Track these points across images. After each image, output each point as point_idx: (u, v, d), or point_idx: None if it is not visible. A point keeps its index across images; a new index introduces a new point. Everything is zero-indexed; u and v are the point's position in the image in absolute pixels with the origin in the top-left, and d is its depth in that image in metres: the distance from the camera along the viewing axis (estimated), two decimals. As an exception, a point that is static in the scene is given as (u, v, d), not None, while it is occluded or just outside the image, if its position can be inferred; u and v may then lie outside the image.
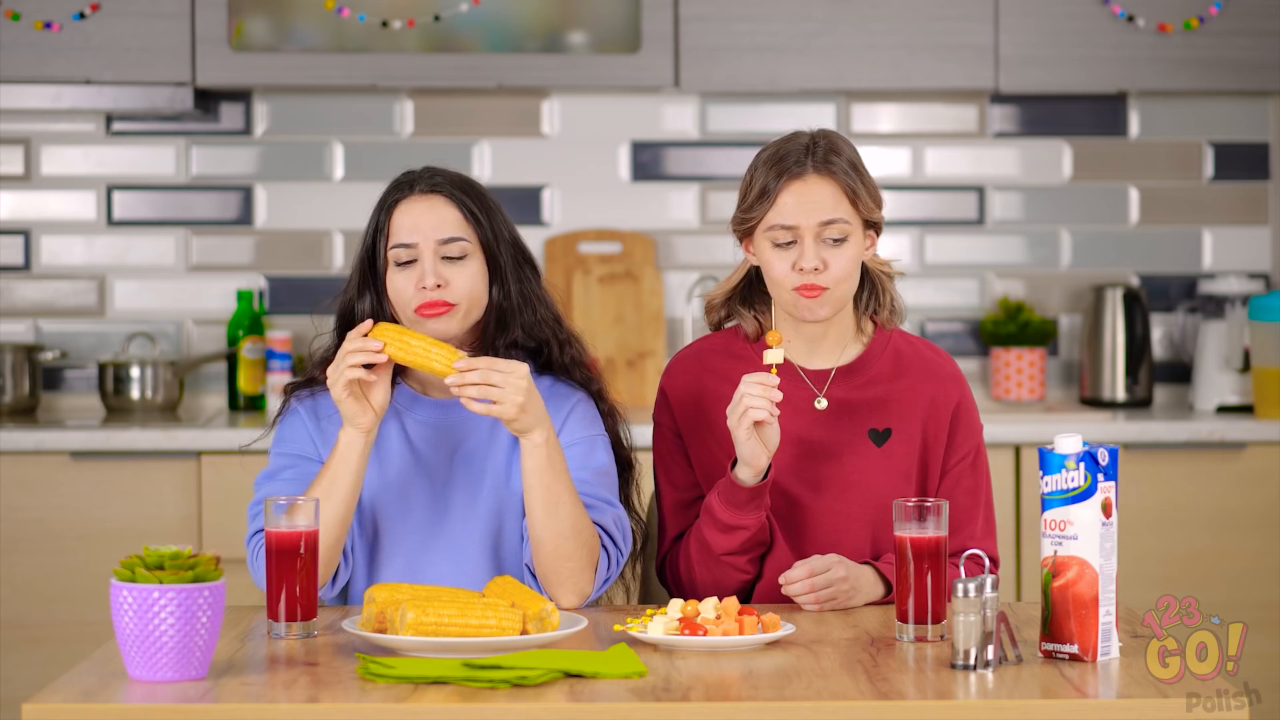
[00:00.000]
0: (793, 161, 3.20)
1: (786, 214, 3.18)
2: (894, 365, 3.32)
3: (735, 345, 3.35)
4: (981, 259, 5.45)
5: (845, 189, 3.19)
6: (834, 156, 3.21)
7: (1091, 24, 5.10)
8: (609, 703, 2.56)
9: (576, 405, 3.31)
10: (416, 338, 3.08)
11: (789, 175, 3.19)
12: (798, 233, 3.18)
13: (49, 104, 5.09)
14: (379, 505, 3.25)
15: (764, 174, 3.21)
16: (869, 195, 3.22)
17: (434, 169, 3.29)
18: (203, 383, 5.39)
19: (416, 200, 3.23)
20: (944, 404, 3.30)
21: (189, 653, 2.65)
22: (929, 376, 3.32)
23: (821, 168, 3.19)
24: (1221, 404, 5.24)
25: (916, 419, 3.29)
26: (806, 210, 3.18)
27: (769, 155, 3.23)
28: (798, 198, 3.18)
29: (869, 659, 2.80)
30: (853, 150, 3.25)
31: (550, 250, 5.36)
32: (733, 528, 3.19)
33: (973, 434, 3.33)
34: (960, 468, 3.30)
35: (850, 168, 3.21)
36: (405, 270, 3.21)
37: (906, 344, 3.35)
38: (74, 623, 4.81)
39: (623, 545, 3.22)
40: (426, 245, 3.21)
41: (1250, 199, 5.46)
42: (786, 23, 5.09)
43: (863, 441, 3.27)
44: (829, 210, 3.18)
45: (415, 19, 5.05)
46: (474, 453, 3.27)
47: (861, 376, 3.30)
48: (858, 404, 3.29)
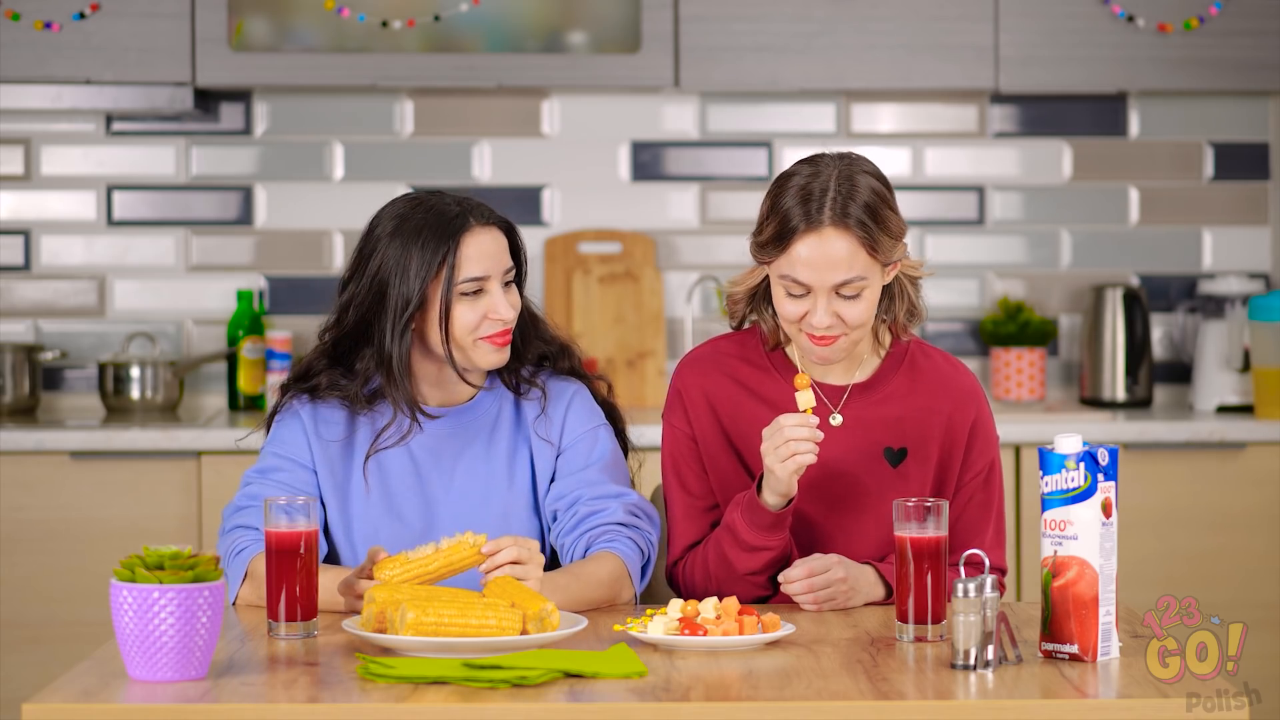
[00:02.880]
0: (812, 210, 3.08)
1: (800, 270, 3.09)
2: (910, 381, 3.26)
3: (750, 350, 3.29)
4: (981, 259, 5.45)
5: (863, 242, 3.08)
6: (852, 205, 3.08)
7: (1091, 24, 5.10)
8: (609, 703, 2.56)
9: (575, 397, 3.32)
10: (431, 555, 2.99)
11: (805, 226, 3.08)
12: (810, 289, 3.10)
13: (49, 104, 5.09)
14: (383, 520, 3.25)
15: (781, 215, 3.10)
16: (889, 236, 3.12)
17: (460, 196, 3.27)
18: (203, 383, 5.39)
19: (480, 233, 3.21)
20: (961, 423, 3.25)
21: (189, 653, 2.65)
22: (946, 394, 3.26)
23: (839, 220, 3.07)
24: (1221, 404, 5.24)
25: (933, 439, 3.24)
26: (820, 271, 3.08)
27: (790, 193, 3.12)
28: (812, 252, 3.08)
29: (869, 659, 2.80)
30: (875, 186, 3.12)
31: (550, 250, 5.36)
32: (758, 549, 3.16)
33: (988, 450, 3.28)
34: (974, 483, 3.26)
35: (869, 214, 3.09)
36: (473, 300, 3.20)
37: (924, 357, 3.29)
38: (74, 623, 4.81)
39: (649, 528, 3.25)
40: (496, 276, 3.21)
41: (1250, 199, 5.46)
42: (786, 23, 5.09)
43: (877, 461, 3.23)
44: (843, 270, 3.08)
45: (415, 19, 5.05)
46: (476, 460, 3.28)
47: (877, 393, 3.25)
48: (873, 422, 3.24)
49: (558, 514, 3.27)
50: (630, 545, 3.21)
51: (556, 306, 5.33)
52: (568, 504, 3.26)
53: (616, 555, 3.19)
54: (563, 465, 3.29)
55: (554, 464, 3.29)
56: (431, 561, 2.96)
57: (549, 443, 3.29)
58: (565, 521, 3.25)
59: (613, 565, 3.18)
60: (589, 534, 3.22)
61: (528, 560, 2.99)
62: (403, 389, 3.21)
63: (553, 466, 3.29)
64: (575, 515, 3.24)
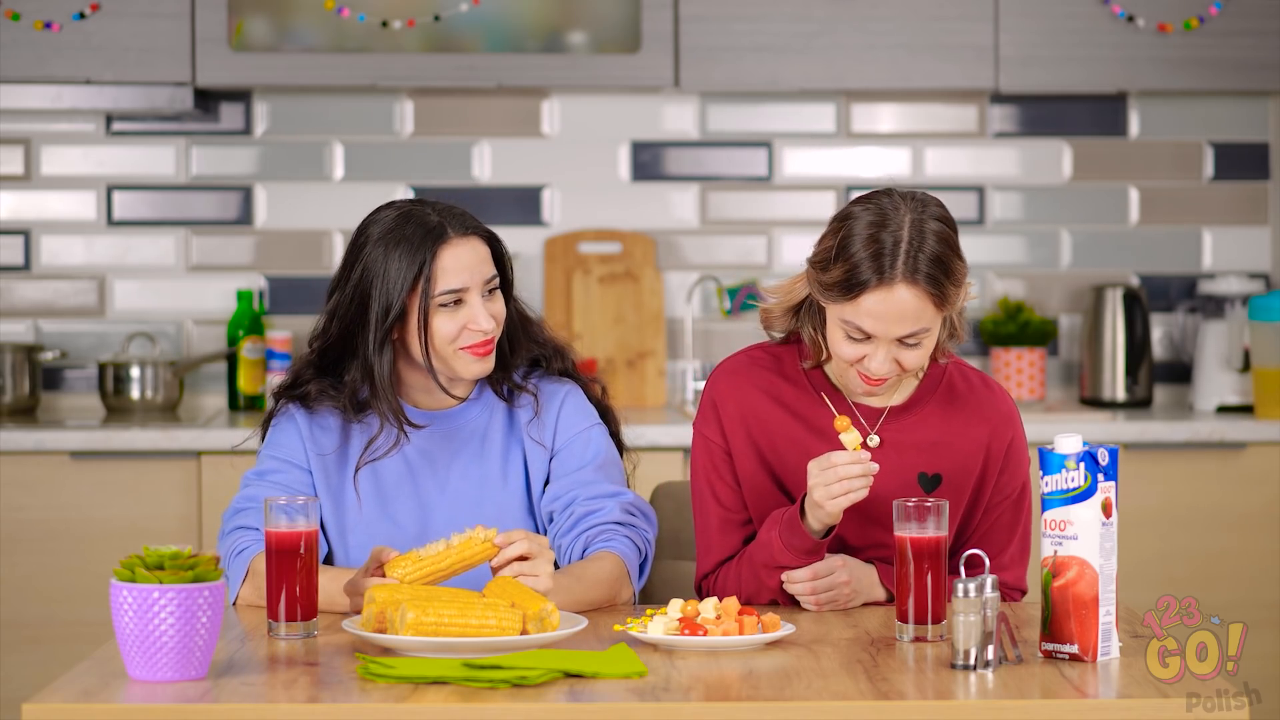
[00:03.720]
0: (885, 264, 3.00)
1: (865, 321, 3.03)
2: (947, 403, 3.22)
3: (787, 365, 3.23)
4: (981, 259, 5.45)
5: (932, 297, 3.03)
6: (922, 258, 3.00)
7: (1091, 24, 5.10)
8: (609, 703, 2.56)
9: (567, 397, 3.31)
10: (444, 552, 2.98)
11: (877, 281, 3.01)
12: (872, 338, 3.06)
13: (49, 104, 5.09)
14: (378, 524, 3.25)
15: (851, 264, 3.02)
16: (955, 287, 3.05)
17: (442, 205, 3.24)
18: (203, 383, 5.39)
19: (458, 244, 3.19)
20: (998, 449, 3.22)
21: (189, 653, 2.65)
22: (983, 419, 3.22)
23: (909, 277, 3.00)
24: (1221, 404, 5.24)
25: (969, 467, 3.20)
26: (887, 324, 3.03)
27: (860, 240, 3.02)
28: (881, 307, 3.01)
29: (869, 659, 2.80)
30: (945, 235, 3.05)
31: (550, 250, 5.36)
32: (791, 570, 3.15)
33: (1020, 472, 3.24)
34: (1003, 505, 3.23)
35: (939, 269, 3.02)
36: (452, 312, 3.19)
37: (961, 378, 3.25)
38: (74, 623, 4.81)
39: (645, 526, 3.25)
40: (475, 287, 3.20)
41: (1250, 199, 5.47)
42: (786, 23, 5.09)
43: (911, 485, 3.19)
44: (910, 324, 3.03)
45: (415, 19, 5.05)
46: (469, 463, 3.28)
47: (913, 415, 3.21)
48: (908, 446, 3.20)
49: (554, 515, 3.27)
50: (628, 544, 3.21)
51: (556, 306, 5.33)
52: (564, 505, 3.26)
53: (616, 555, 3.19)
54: (557, 467, 3.29)
55: (548, 466, 3.29)
56: (445, 558, 2.96)
57: (542, 445, 3.29)
58: (562, 522, 3.25)
59: (613, 565, 3.18)
60: (586, 534, 3.22)
61: (538, 554, 2.98)
62: (387, 400, 3.20)
63: (547, 468, 3.29)
64: (572, 516, 3.24)
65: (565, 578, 3.10)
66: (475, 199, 5.34)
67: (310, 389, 3.26)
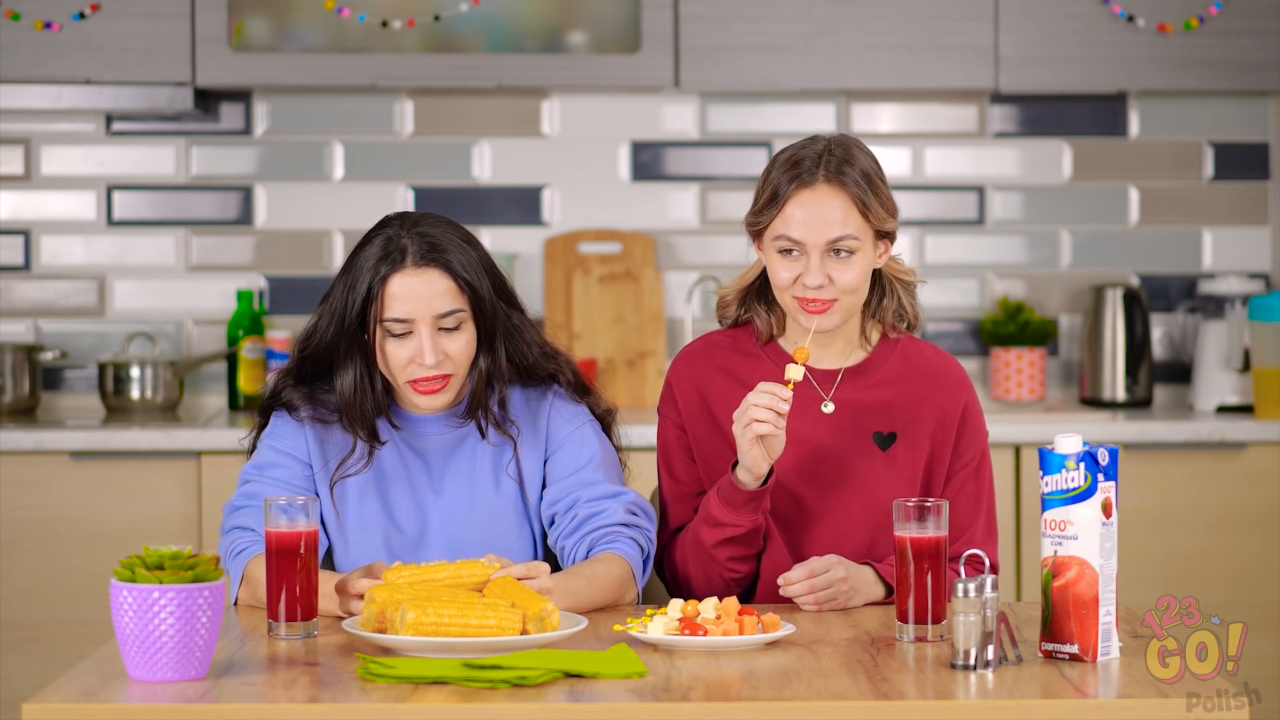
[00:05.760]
0: (805, 169, 3.18)
1: (794, 227, 3.17)
2: (901, 368, 3.31)
3: (743, 343, 3.34)
4: (981, 259, 5.45)
5: (856, 201, 3.17)
6: (847, 166, 3.18)
7: (1091, 24, 5.10)
8: (609, 703, 2.56)
9: (555, 398, 3.30)
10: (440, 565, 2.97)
11: (799, 183, 3.18)
12: (803, 247, 3.17)
13: (49, 104, 5.09)
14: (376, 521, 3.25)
15: (776, 177, 3.20)
16: (881, 206, 3.20)
17: (419, 228, 3.17)
18: (203, 383, 5.39)
19: (411, 274, 3.14)
20: (951, 410, 3.30)
21: (189, 653, 2.65)
22: (936, 382, 3.31)
23: (833, 177, 3.18)
24: (1221, 404, 5.24)
25: (923, 426, 3.28)
26: (813, 226, 3.16)
27: (784, 158, 3.22)
28: (805, 209, 3.17)
29: (869, 659, 2.80)
30: (870, 159, 3.22)
31: (550, 250, 5.36)
32: (722, 524, 3.19)
33: (978, 440, 3.32)
34: (964, 473, 3.30)
35: (863, 178, 3.18)
36: (401, 340, 3.16)
37: (914, 348, 3.34)
38: (74, 623, 4.81)
39: (648, 525, 3.25)
40: (424, 320, 3.15)
41: (1250, 199, 5.46)
42: (786, 23, 5.09)
43: (867, 444, 3.27)
44: (837, 226, 3.16)
45: (415, 19, 5.05)
46: (462, 462, 3.27)
47: (868, 378, 3.30)
48: (863, 406, 3.28)
49: (555, 518, 3.26)
50: (633, 545, 3.21)
51: (556, 306, 5.33)
52: (566, 507, 3.25)
53: (622, 557, 3.19)
54: (554, 469, 3.29)
55: (543, 469, 3.29)
56: (440, 570, 2.95)
57: (535, 448, 3.28)
58: (565, 525, 3.25)
59: (620, 568, 3.18)
60: (591, 535, 3.22)
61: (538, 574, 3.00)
62: (357, 418, 3.20)
63: (542, 471, 3.29)
64: (575, 518, 3.24)
65: (573, 580, 3.10)
66: (475, 199, 5.34)
67: (291, 397, 3.25)
